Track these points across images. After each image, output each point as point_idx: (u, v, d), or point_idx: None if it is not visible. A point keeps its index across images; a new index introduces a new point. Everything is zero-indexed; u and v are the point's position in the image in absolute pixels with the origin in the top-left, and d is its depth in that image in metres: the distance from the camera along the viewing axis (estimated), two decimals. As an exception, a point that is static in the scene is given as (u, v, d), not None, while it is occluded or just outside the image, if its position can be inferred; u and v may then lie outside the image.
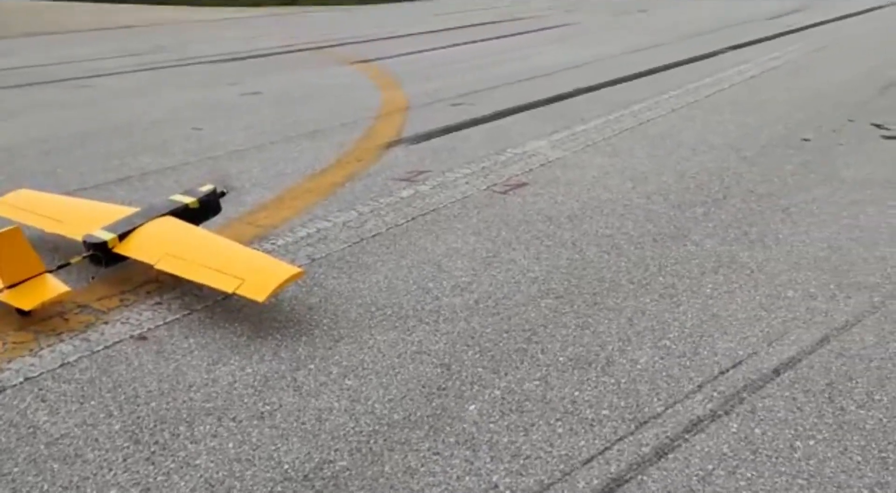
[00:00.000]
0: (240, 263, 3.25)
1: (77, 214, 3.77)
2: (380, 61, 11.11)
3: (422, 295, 3.37)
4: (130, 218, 3.58)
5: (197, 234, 3.63)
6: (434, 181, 5.02)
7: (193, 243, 3.48)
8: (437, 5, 23.26)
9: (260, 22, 19.79)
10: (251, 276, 3.11)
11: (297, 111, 7.50)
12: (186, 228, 3.62)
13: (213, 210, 3.94)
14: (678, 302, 3.23)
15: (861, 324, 2.96)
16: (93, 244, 3.40)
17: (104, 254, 3.40)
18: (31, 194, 4.12)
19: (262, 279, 3.08)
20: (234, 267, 3.18)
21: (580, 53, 11.06)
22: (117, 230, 3.46)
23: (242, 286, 3.05)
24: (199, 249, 3.42)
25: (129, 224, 3.51)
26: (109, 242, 3.40)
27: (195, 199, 3.82)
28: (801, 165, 5.08)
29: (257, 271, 3.18)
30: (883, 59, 9.39)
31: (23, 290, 3.10)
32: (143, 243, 3.43)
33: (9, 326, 3.09)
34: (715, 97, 7.50)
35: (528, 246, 3.89)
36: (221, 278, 3.13)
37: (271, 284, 3.06)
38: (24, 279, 3.12)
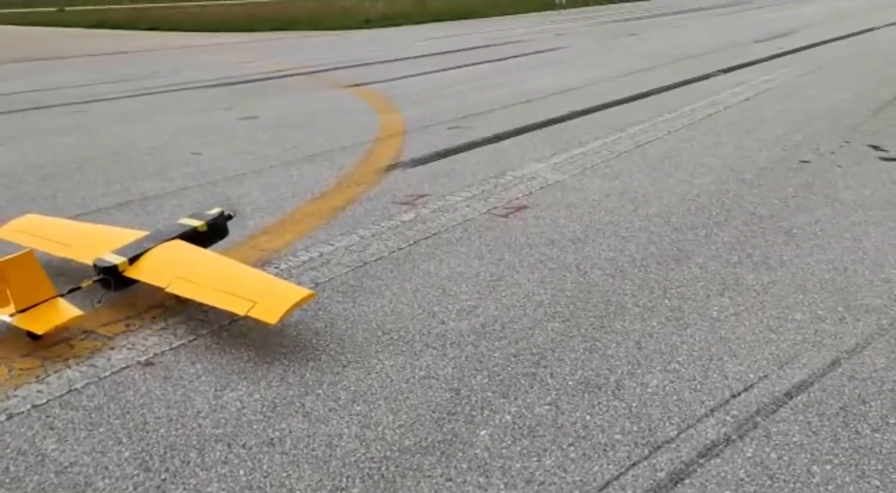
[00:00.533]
0: (251, 285, 3.26)
1: (86, 239, 3.80)
2: (374, 85, 11.17)
3: (427, 319, 3.35)
4: (140, 242, 3.60)
5: (207, 257, 3.65)
6: (435, 205, 5.02)
7: (204, 266, 3.50)
8: (427, 30, 23.48)
9: (253, 47, 19.92)
10: (263, 298, 3.12)
11: (294, 135, 7.52)
12: (196, 252, 3.64)
13: (220, 233, 3.98)
14: (685, 325, 3.22)
15: (871, 347, 2.96)
16: (103, 268, 3.42)
17: (114, 278, 3.42)
18: (38, 219, 4.16)
19: (273, 302, 3.10)
20: (245, 290, 3.20)
21: (573, 77, 11.16)
22: (127, 254, 3.49)
23: (254, 309, 3.06)
24: (210, 272, 3.44)
25: (138, 248, 3.54)
26: (120, 265, 3.43)
27: (203, 222, 3.85)
28: (801, 187, 5.11)
29: (268, 293, 3.19)
30: (874, 81, 9.51)
31: (35, 314, 3.11)
32: (153, 267, 3.45)
33: (15, 352, 3.05)
34: (711, 119, 7.56)
35: (532, 269, 3.88)
36: (233, 301, 3.14)
37: (283, 306, 3.07)
38: (36, 303, 3.13)
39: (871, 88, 8.99)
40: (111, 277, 3.41)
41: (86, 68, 15.44)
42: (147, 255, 3.51)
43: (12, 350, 3.06)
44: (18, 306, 3.10)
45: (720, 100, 8.65)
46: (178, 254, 3.56)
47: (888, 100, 8.18)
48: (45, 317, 3.12)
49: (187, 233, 3.73)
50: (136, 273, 3.44)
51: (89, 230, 4.08)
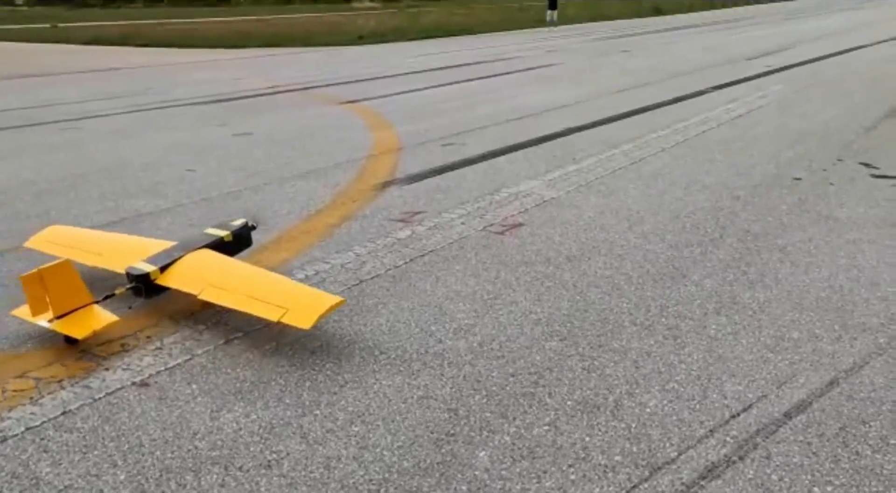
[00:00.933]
0: (281, 292, 3.36)
1: (115, 248, 3.93)
2: (368, 102, 11.20)
3: (425, 338, 3.34)
4: (169, 251, 3.73)
5: (236, 265, 3.75)
6: (430, 222, 5.02)
7: (234, 274, 3.60)
8: (419, 46, 23.60)
9: (245, 63, 19.96)
10: (294, 305, 3.22)
11: (289, 152, 7.52)
12: (225, 260, 3.76)
13: (245, 243, 4.11)
14: (683, 344, 3.22)
15: (869, 366, 2.96)
16: (136, 276, 3.53)
17: (146, 285, 3.53)
18: (64, 230, 4.30)
19: (305, 308, 3.19)
20: (276, 297, 3.30)
21: (566, 93, 11.22)
22: (158, 263, 3.61)
23: (287, 315, 3.16)
24: (241, 279, 3.54)
25: (168, 257, 3.66)
26: (151, 273, 3.54)
27: (229, 232, 3.99)
28: (794, 205, 5.14)
29: (300, 300, 3.29)
30: (864, 99, 9.59)
31: (73, 319, 3.23)
32: (184, 275, 3.57)
33: (8, 373, 3.02)
34: (704, 136, 7.61)
35: (529, 288, 3.88)
36: (265, 308, 3.24)
37: (316, 312, 3.16)
38: (73, 309, 3.24)
39: (861, 106, 9.07)
40: (143, 284, 3.52)
41: (78, 85, 15.43)
42: (177, 263, 3.63)
43: (6, 372, 3.03)
44: (56, 311, 3.20)
45: (713, 117, 8.71)
46: (208, 262, 3.68)
47: (878, 118, 8.26)
48: (82, 322, 3.23)
49: (214, 243, 3.86)
50: (168, 281, 3.56)
51: (117, 240, 4.21)
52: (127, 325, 3.46)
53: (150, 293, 3.56)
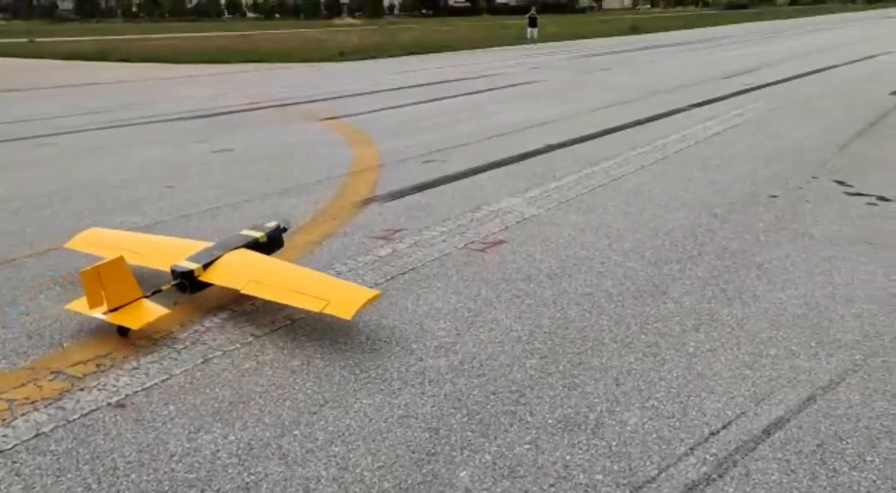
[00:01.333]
0: (321, 286, 3.63)
1: (154, 248, 4.18)
2: (349, 118, 11.22)
3: (405, 356, 3.33)
4: (210, 250, 3.98)
5: (274, 262, 4.02)
6: (411, 239, 5.02)
7: (273, 270, 3.88)
8: (401, 63, 23.71)
9: (226, 79, 19.93)
10: (335, 297, 3.49)
11: (269, 168, 7.50)
12: (262, 258, 4.04)
13: (277, 244, 4.33)
14: (662, 361, 3.23)
15: (845, 383, 2.99)
16: (181, 273, 3.77)
17: (190, 282, 3.78)
18: (102, 232, 4.63)
19: (345, 300, 3.46)
20: (317, 290, 3.57)
21: (547, 111, 11.31)
22: (201, 261, 3.85)
23: (329, 306, 3.42)
24: (280, 274, 3.82)
25: (210, 255, 3.91)
26: (195, 271, 3.78)
27: (263, 233, 4.23)
28: (771, 222, 5.20)
29: (339, 292, 3.57)
30: (838, 118, 9.76)
31: (126, 312, 3.46)
32: (226, 272, 3.83)
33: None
34: (682, 154, 7.69)
35: (510, 305, 3.88)
36: (307, 300, 3.51)
37: (356, 304, 3.44)
38: (125, 303, 3.47)
39: (835, 125, 9.23)
40: (188, 281, 3.77)
41: (56, 100, 15.31)
42: (219, 261, 3.88)
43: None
44: (111, 305, 3.43)
45: (691, 134, 8.82)
46: (248, 260, 3.95)
47: (851, 137, 8.40)
48: (135, 315, 3.47)
49: (249, 243, 4.11)
50: (210, 277, 3.82)
51: (154, 241, 4.45)
52: (103, 344, 3.42)
53: (194, 289, 3.80)
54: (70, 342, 3.47)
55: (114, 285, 3.44)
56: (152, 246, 4.23)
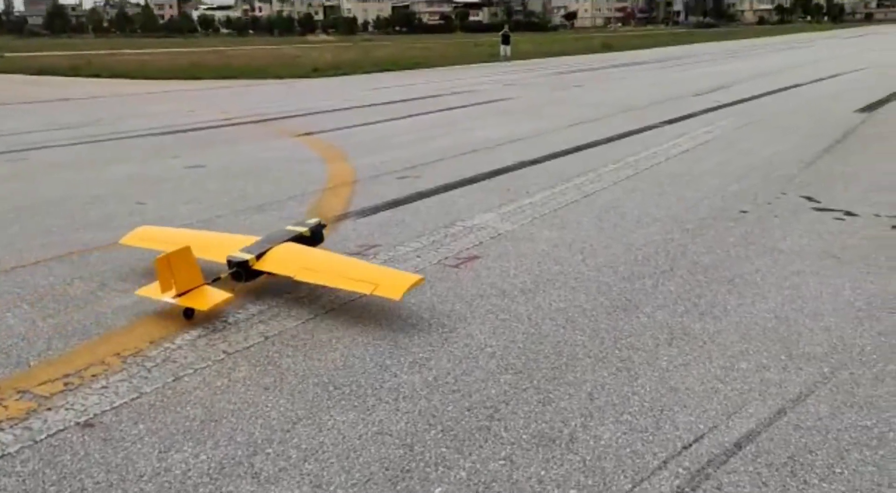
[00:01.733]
0: (368, 272, 4.07)
1: (203, 242, 4.42)
2: (323, 134, 11.22)
3: (380, 372, 3.31)
4: (260, 243, 4.34)
5: (320, 252, 4.45)
6: (385, 255, 5.01)
7: (321, 259, 4.30)
8: (375, 79, 23.78)
9: (199, 95, 19.83)
10: (382, 281, 3.88)
11: (242, 184, 7.46)
12: (309, 249, 4.43)
13: (319, 239, 4.67)
14: (636, 375, 3.25)
15: (814, 395, 3.03)
16: (237, 263, 4.13)
17: (245, 270, 4.13)
18: (153, 229, 4.99)
19: (393, 283, 3.87)
20: (364, 275, 3.98)
21: (521, 127, 11.40)
22: (254, 252, 4.22)
23: (378, 289, 3.80)
24: (328, 263, 4.25)
25: (260, 247, 4.27)
26: (250, 261, 4.14)
27: (307, 228, 4.61)
28: (741, 237, 5.28)
29: (386, 277, 4.00)
30: (804, 135, 9.96)
31: (193, 296, 3.82)
32: (278, 261, 4.20)
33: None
34: (654, 170, 7.79)
35: (484, 321, 3.89)
36: (357, 284, 3.91)
37: (403, 286, 3.84)
38: (191, 288, 3.83)
39: (801, 142, 9.41)
40: (243, 270, 4.11)
41: (27, 115, 15.11)
42: (270, 252, 4.24)
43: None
44: (179, 290, 3.78)
45: (662, 151, 8.94)
46: (297, 251, 4.33)
47: (818, 153, 8.57)
48: (202, 298, 3.83)
49: (295, 237, 4.47)
50: (264, 266, 4.18)
51: (202, 236, 4.76)
52: (70, 363, 3.36)
53: (249, 278, 4.15)
54: (37, 361, 3.41)
55: (182, 272, 3.80)
56: (202, 240, 4.47)
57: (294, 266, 4.13)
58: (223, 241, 4.51)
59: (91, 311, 4.05)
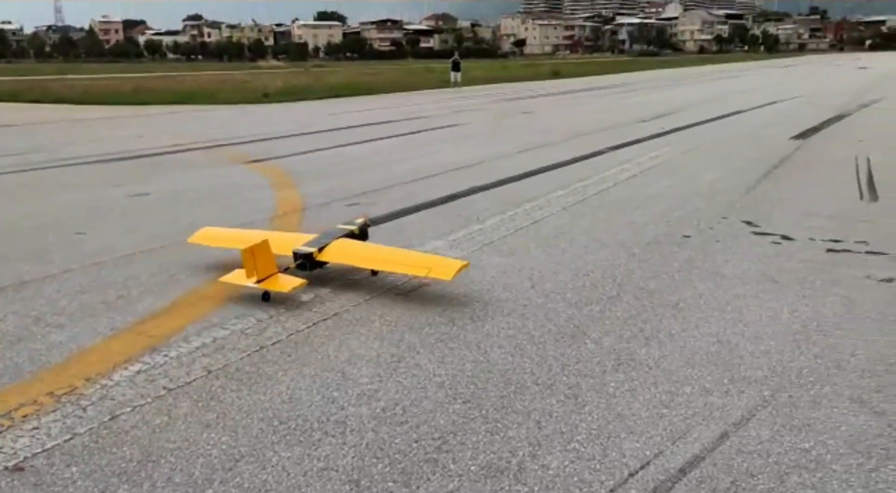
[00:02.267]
0: (420, 259, 4.87)
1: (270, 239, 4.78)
2: (274, 160, 11.12)
3: (326, 405, 3.26)
4: (318, 239, 5.05)
5: (372, 245, 5.25)
6: (334, 284, 4.96)
7: (376, 250, 5.13)
8: (327, 105, 23.76)
9: (146, 121, 19.51)
10: (434, 266, 4.65)
11: (189, 213, 7.32)
12: (363, 243, 5.22)
13: (365, 236, 5.36)
14: (583, 403, 3.27)
15: (756, 418, 3.08)
16: (302, 255, 4.85)
17: (309, 261, 4.85)
18: (215, 230, 5.64)
19: (444, 267, 4.62)
20: (418, 261, 4.76)
21: (473, 153, 11.50)
22: (315, 246, 4.93)
23: (431, 271, 4.55)
24: (383, 252, 5.05)
25: (320, 242, 4.98)
26: (314, 253, 4.86)
27: (357, 226, 5.31)
28: (685, 262, 5.38)
29: (437, 262, 4.78)
30: (745, 161, 10.27)
31: (271, 282, 4.50)
32: (338, 253, 4.93)
33: None
34: (601, 195, 7.92)
35: (433, 349, 3.87)
36: (413, 269, 4.68)
37: (454, 268, 4.55)
38: (269, 275, 4.50)
39: (742, 167, 9.70)
40: (307, 261, 4.83)
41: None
42: (330, 246, 4.95)
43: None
44: (259, 276, 4.46)
45: (609, 176, 9.10)
46: (352, 244, 5.08)
47: (758, 178, 8.84)
48: (280, 283, 4.52)
49: (347, 233, 5.17)
50: (325, 257, 4.90)
51: (265, 234, 5.09)
52: (3, 403, 3.22)
53: (313, 267, 4.86)
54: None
55: (262, 261, 4.47)
56: (264, 238, 4.80)
57: (353, 257, 4.92)
58: (282, 238, 5.14)
59: (24, 347, 3.90)
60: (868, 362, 3.62)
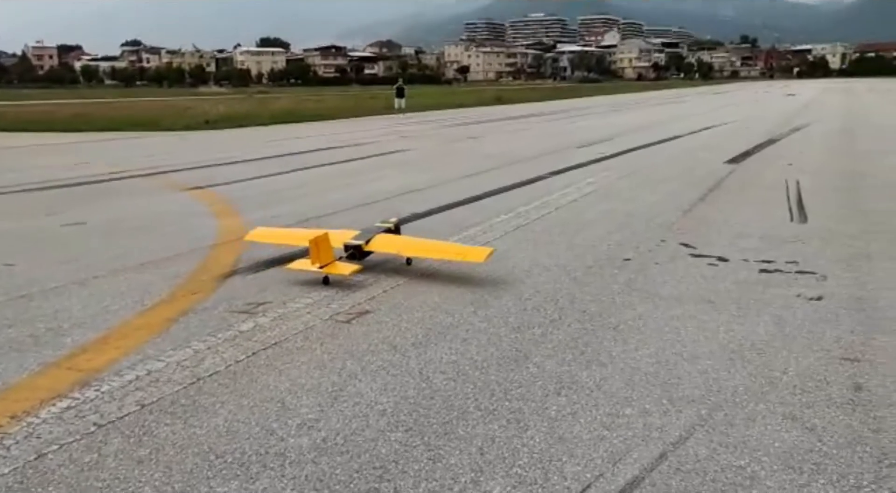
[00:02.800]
0: (452, 247, 6.14)
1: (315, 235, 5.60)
2: (216, 188, 10.95)
3: (265, 437, 3.19)
4: (363, 234, 6.03)
5: (409, 237, 6.31)
6: (275, 312, 4.88)
7: (413, 241, 6.17)
8: (271, 131, 23.57)
9: (83, 147, 19.04)
10: (467, 253, 5.85)
11: (126, 242, 7.13)
12: (401, 236, 6.27)
13: (398, 232, 6.35)
14: (525, 427, 3.27)
15: (693, 438, 3.14)
16: (353, 246, 5.86)
17: (358, 252, 5.84)
18: (267, 229, 6.78)
19: (475, 253, 5.77)
20: (451, 249, 6.01)
21: (417, 178, 11.53)
22: (362, 239, 5.92)
23: (466, 257, 5.75)
24: (421, 243, 6.11)
25: (364, 236, 5.96)
26: (363, 245, 5.85)
27: (392, 224, 6.35)
28: (625, 284, 5.48)
29: (468, 250, 5.96)
30: (681, 184, 10.56)
31: (332, 267, 5.47)
32: (382, 244, 5.94)
33: None
34: (543, 220, 8.02)
35: (375, 377, 3.83)
36: (448, 255, 5.89)
37: (484, 253, 5.68)
38: (328, 262, 5.46)
39: (679, 190, 9.96)
40: (356, 252, 5.82)
41: None
42: (374, 239, 5.95)
43: None
44: (322, 263, 5.40)
45: (551, 201, 9.23)
46: (392, 237, 6.13)
47: (694, 201, 9.09)
48: (339, 268, 5.50)
49: (384, 229, 6.18)
50: (372, 248, 5.89)
51: (311, 231, 6.10)
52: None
53: (361, 257, 5.82)
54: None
55: (324, 250, 5.42)
56: (312, 234, 5.72)
57: (393, 247, 5.95)
58: (333, 234, 5.84)
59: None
60: (799, 379, 3.73)
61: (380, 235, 6.01)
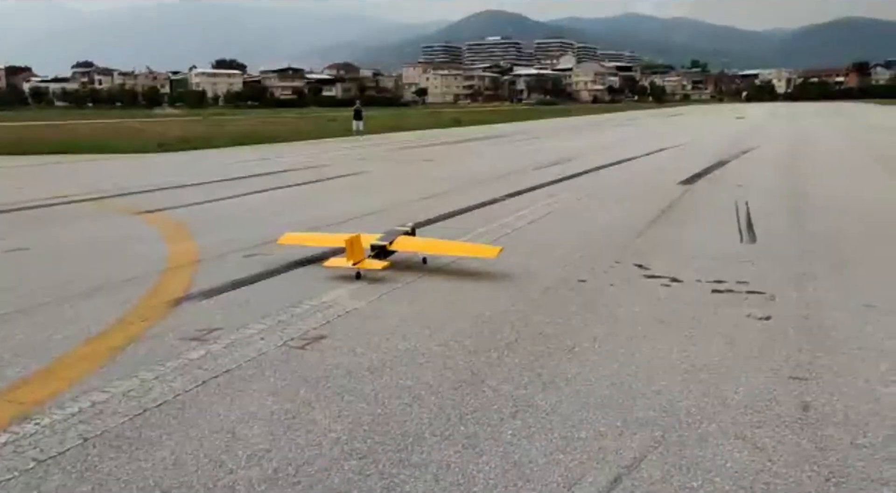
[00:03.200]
0: (466, 246, 7.22)
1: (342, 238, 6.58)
2: (168, 211, 10.76)
3: (214, 469, 3.10)
4: (386, 236, 6.83)
5: (426, 238, 7.25)
6: (227, 339, 4.78)
7: (430, 241, 7.14)
8: (226, 154, 23.30)
9: (30, 171, 18.58)
10: (478, 250, 6.92)
11: (73, 268, 6.94)
12: (420, 238, 7.15)
13: (415, 235, 7.17)
14: (481, 452, 3.24)
15: (647, 460, 3.14)
16: (378, 247, 6.61)
17: (383, 251, 6.58)
18: (296, 234, 7.70)
19: (487, 250, 6.76)
20: (465, 248, 7.08)
21: (374, 200, 11.50)
22: (385, 240, 6.72)
23: (479, 254, 6.77)
24: (437, 243, 7.11)
25: (388, 238, 6.77)
26: (387, 246, 6.65)
27: (409, 227, 7.20)
28: (581, 306, 5.50)
29: (480, 247, 7.11)
30: (636, 205, 10.72)
31: (365, 263, 6.28)
32: (403, 245, 6.80)
33: None
34: (500, 242, 8.03)
35: (329, 404, 3.76)
36: (462, 253, 6.90)
37: (495, 251, 6.61)
38: (360, 260, 6.27)
39: (634, 212, 10.11)
40: (381, 251, 6.56)
41: None
42: (396, 240, 6.78)
43: None
44: (355, 260, 6.24)
45: (508, 222, 9.27)
46: (411, 238, 7.01)
47: (649, 222, 9.23)
48: (372, 264, 6.30)
49: (402, 232, 6.99)
50: (395, 248, 6.70)
51: (338, 236, 7.03)
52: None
53: (385, 256, 6.53)
54: None
55: (357, 249, 6.27)
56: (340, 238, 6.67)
57: (413, 246, 6.86)
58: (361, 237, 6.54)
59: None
60: (749, 399, 3.78)
61: (401, 237, 6.84)
